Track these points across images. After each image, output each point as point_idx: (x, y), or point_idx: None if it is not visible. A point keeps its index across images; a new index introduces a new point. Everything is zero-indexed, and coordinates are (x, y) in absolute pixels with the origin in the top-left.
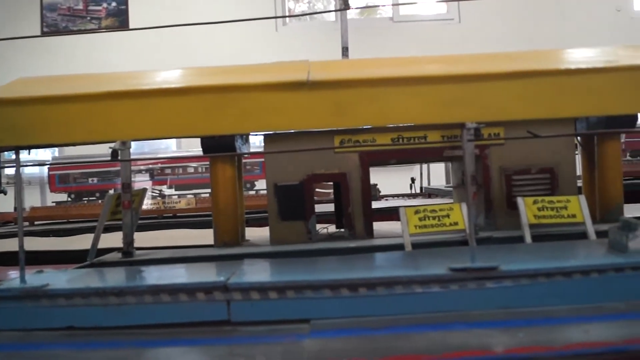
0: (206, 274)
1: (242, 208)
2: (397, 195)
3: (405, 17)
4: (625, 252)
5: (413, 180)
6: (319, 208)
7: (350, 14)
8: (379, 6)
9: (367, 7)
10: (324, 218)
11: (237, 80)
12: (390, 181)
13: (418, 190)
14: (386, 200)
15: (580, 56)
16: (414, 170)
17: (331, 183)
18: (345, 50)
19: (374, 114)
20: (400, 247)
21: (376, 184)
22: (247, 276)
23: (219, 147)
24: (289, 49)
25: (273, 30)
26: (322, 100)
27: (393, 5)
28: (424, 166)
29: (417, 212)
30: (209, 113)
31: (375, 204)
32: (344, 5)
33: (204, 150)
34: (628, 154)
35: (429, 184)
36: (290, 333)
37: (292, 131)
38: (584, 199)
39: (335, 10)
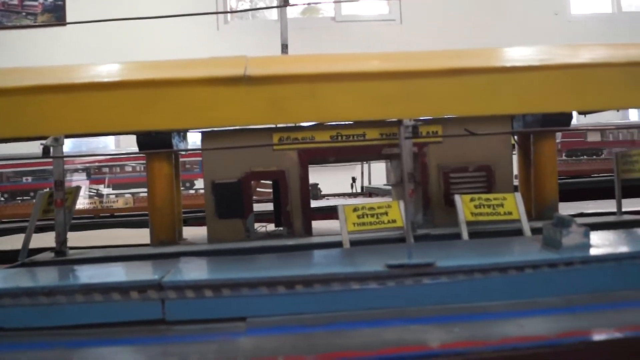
0: (140, 272)
1: (179, 206)
2: (339, 195)
3: (347, 17)
4: (559, 249)
5: (354, 179)
6: (258, 207)
7: (293, 13)
8: (320, 2)
9: (309, 3)
10: (264, 217)
11: (172, 75)
12: (332, 180)
13: (359, 190)
14: (327, 199)
15: (517, 54)
16: (356, 169)
17: (270, 182)
18: (284, 48)
19: (311, 110)
20: (338, 244)
21: (317, 184)
22: (182, 274)
23: (155, 144)
24: (230, 47)
25: (215, 29)
26: (259, 96)
27: (335, 1)
28: (365, 165)
29: (355, 210)
30: (143, 108)
31: (316, 203)
32: (284, 2)
33: (139, 147)
34: (564, 154)
35: (369, 183)
36: (225, 331)
37: (230, 128)
38: (520, 197)
39: (275, 7)
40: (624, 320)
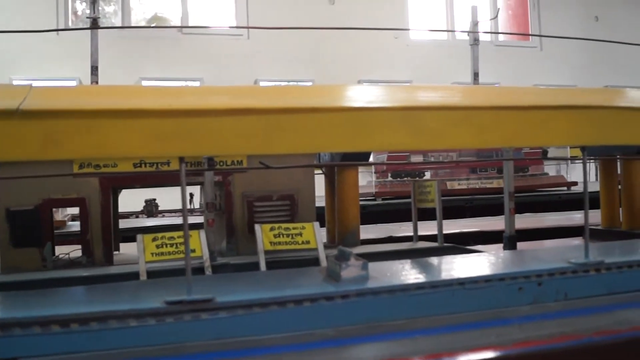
0: None
1: None
2: (175, 211)
3: (194, 30)
4: (339, 281)
5: (192, 195)
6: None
7: (141, 22)
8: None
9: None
10: None
11: None
12: (171, 196)
13: (197, 206)
14: (163, 216)
15: (304, 94)
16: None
17: None
18: (94, 70)
19: (88, 146)
20: (136, 275)
21: (154, 199)
22: None
23: None
24: (69, 52)
25: (54, 34)
26: (32, 131)
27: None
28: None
29: (154, 239)
30: None
31: (149, 222)
32: (92, 23)
33: None
34: (389, 175)
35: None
36: None
37: None
38: (318, 226)
39: (85, 28)
40: (392, 352)
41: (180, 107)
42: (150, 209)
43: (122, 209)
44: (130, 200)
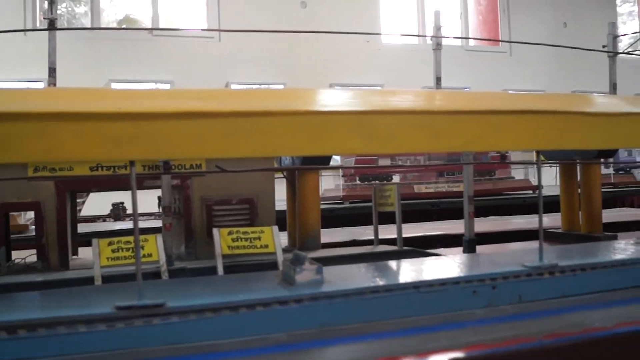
0: None
1: None
2: (142, 215)
3: (165, 32)
4: (293, 285)
5: (160, 199)
6: None
7: (112, 24)
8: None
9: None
10: None
11: None
12: (140, 198)
13: None
14: (130, 219)
15: (262, 97)
16: None
17: None
18: (52, 72)
19: (39, 149)
20: (92, 280)
21: (122, 203)
22: None
23: None
24: (38, 52)
25: (21, 34)
26: None
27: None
28: None
29: (110, 243)
30: None
31: (116, 225)
32: (50, 25)
33: None
34: (357, 179)
35: None
36: None
37: None
38: (277, 230)
39: (41, 29)
40: (345, 356)
41: (131, 110)
42: (117, 212)
43: (89, 212)
44: (98, 203)
